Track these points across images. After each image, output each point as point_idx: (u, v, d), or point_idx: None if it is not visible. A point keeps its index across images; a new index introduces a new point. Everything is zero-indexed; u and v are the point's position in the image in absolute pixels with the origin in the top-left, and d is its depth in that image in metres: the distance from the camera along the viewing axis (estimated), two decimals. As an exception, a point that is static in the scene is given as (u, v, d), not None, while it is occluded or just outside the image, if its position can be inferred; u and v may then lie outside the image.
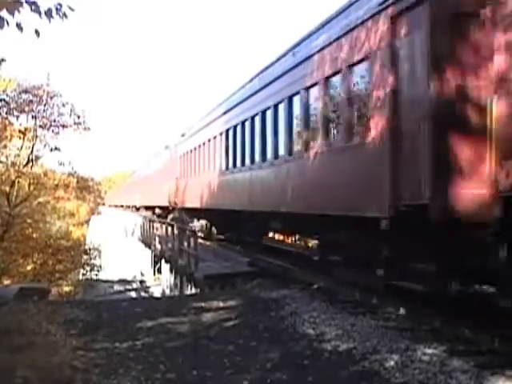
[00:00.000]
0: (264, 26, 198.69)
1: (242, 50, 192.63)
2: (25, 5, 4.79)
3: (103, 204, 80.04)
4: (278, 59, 13.66)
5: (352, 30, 8.78)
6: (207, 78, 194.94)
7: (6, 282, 23.54)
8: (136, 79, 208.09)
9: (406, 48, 7.30)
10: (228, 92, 19.62)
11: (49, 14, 4.92)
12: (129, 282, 26.43)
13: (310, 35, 11.51)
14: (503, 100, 6.29)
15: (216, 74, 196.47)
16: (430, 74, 6.70)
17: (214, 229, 21.90)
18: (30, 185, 25.86)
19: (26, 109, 24.54)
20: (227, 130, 17.12)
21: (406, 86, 7.34)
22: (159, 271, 22.21)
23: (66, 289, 28.82)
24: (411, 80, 7.23)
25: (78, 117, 25.83)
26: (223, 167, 17.68)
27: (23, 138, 25.41)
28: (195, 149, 22.34)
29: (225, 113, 17.71)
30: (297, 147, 11.47)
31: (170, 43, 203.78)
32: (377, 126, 7.89)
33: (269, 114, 13.06)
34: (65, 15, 5.01)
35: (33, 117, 25.14)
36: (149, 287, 22.87)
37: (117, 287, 25.87)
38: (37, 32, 5.04)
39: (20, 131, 24.91)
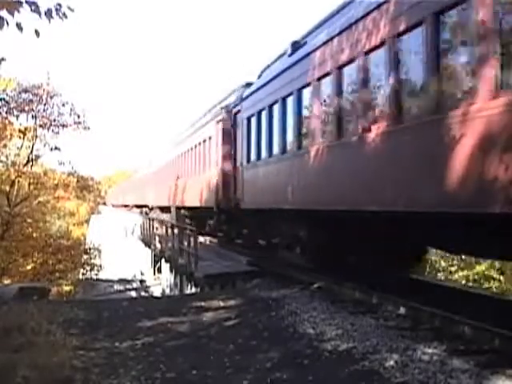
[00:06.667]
0: (264, 26, 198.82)
1: (242, 49, 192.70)
2: (25, 5, 4.80)
3: (104, 203, 79.82)
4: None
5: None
6: (207, 77, 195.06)
7: (6, 281, 23.50)
8: (136, 78, 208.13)
9: None
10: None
11: (49, 14, 4.93)
12: (129, 282, 26.39)
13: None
14: None
15: (216, 73, 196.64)
16: None
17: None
18: (29, 184, 25.84)
19: (26, 108, 24.51)
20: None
21: None
22: (159, 271, 22.20)
23: (66, 288, 28.74)
24: None
25: (78, 116, 25.79)
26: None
27: (23, 138, 25.40)
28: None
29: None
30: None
31: (171, 42, 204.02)
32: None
33: None
34: (65, 15, 5.02)
35: (33, 116, 25.14)
36: (149, 287, 22.87)
37: (117, 287, 25.82)
38: (37, 32, 5.05)
39: (20, 131, 24.89)
